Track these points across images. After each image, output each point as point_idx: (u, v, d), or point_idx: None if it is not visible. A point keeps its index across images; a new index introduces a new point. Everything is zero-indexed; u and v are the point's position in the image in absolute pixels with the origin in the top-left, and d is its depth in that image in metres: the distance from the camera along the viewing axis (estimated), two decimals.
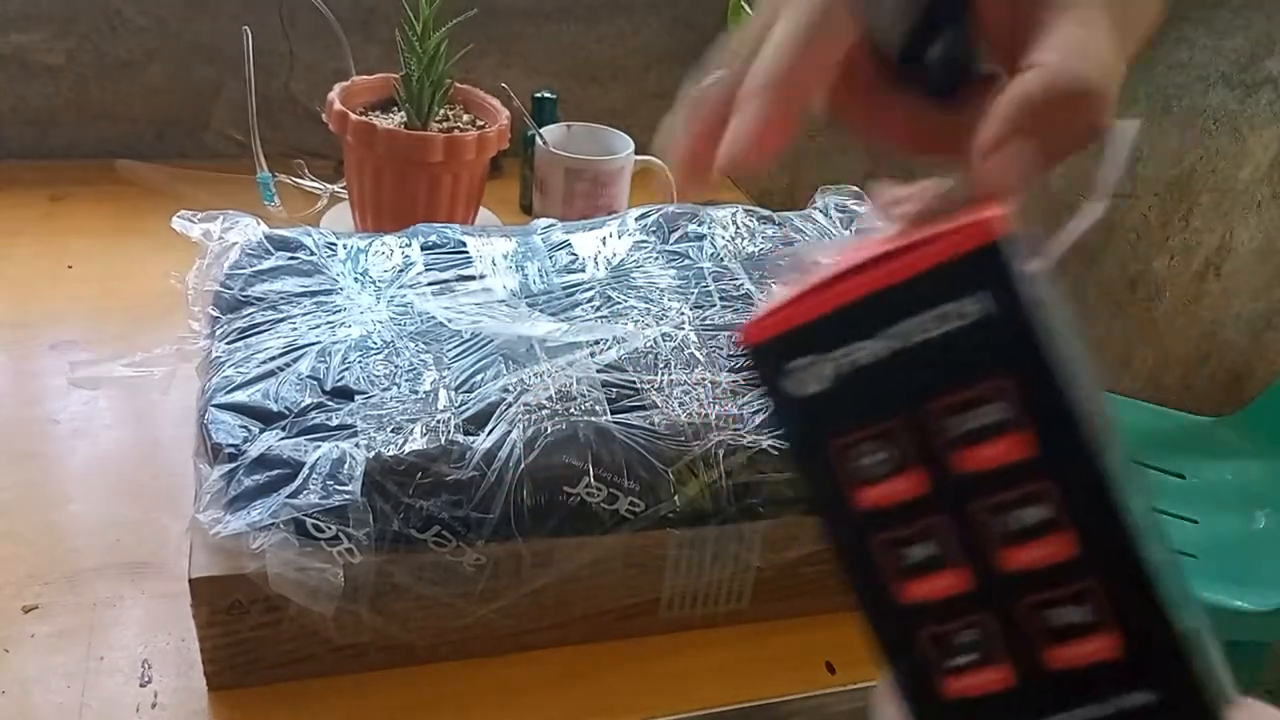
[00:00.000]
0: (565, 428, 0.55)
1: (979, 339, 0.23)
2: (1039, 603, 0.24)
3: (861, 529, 0.25)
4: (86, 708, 0.53)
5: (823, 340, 0.24)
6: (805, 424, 0.25)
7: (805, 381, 0.24)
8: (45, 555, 0.61)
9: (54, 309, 0.84)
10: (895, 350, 0.23)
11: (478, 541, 0.52)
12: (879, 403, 0.24)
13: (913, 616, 0.25)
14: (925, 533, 0.25)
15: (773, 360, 0.25)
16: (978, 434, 0.23)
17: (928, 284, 0.23)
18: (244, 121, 0.98)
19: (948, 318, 0.23)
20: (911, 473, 0.24)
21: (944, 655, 0.25)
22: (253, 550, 0.49)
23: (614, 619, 0.60)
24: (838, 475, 0.25)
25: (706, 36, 1.24)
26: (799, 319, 0.24)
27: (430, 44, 0.86)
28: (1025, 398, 0.23)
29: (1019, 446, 0.23)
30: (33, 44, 1.04)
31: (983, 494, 0.24)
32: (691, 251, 0.73)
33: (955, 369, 0.23)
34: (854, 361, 0.24)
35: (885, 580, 0.25)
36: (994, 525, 0.24)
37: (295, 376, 0.57)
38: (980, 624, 0.25)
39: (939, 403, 0.24)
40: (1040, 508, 0.23)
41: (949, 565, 0.25)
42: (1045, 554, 0.24)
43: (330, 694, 0.55)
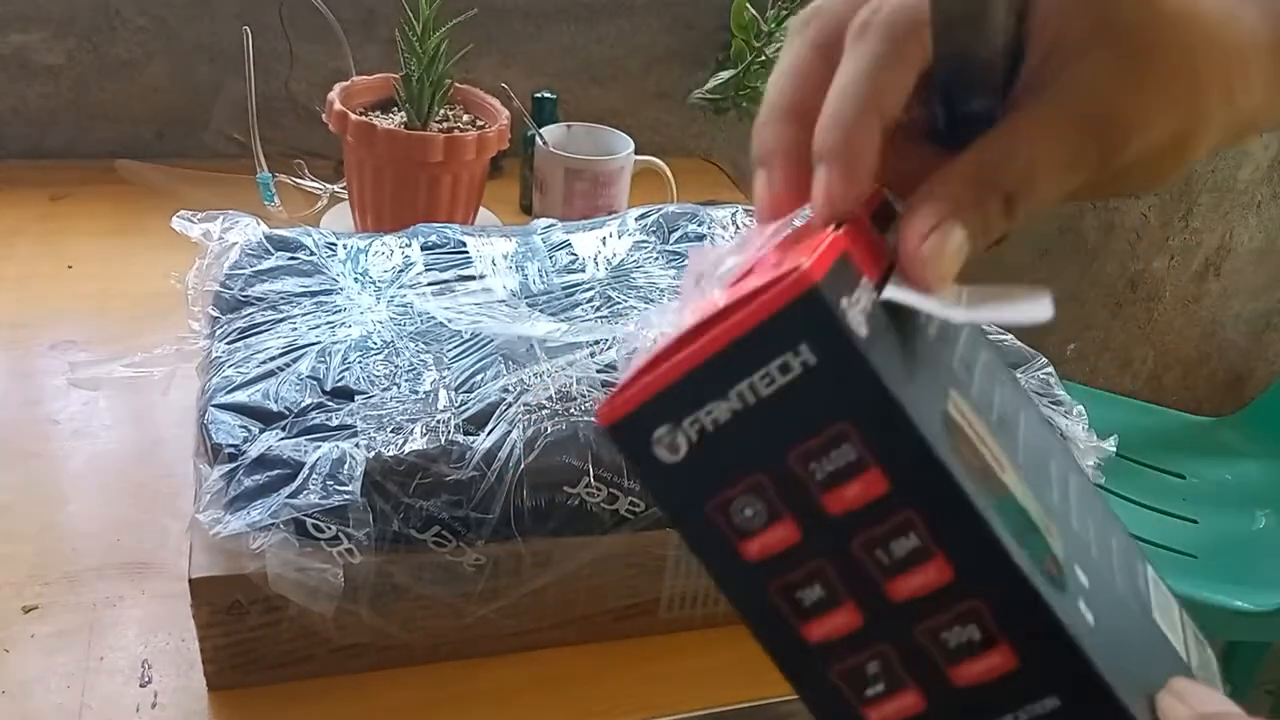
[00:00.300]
0: (565, 428, 0.55)
1: (811, 387, 0.24)
2: (932, 627, 0.25)
3: (756, 579, 0.26)
4: (86, 708, 0.53)
5: (675, 408, 0.25)
6: (677, 490, 0.26)
7: (668, 450, 0.25)
8: (45, 555, 0.61)
9: (54, 309, 0.84)
10: (742, 408, 0.24)
11: (478, 541, 0.52)
12: (740, 459, 0.25)
13: (821, 655, 0.26)
14: (811, 575, 0.25)
15: (634, 435, 0.25)
16: (834, 477, 0.24)
17: (755, 342, 0.24)
18: (244, 121, 0.98)
19: (779, 371, 0.24)
20: (785, 520, 0.25)
21: (858, 688, 0.26)
22: (253, 550, 0.49)
23: (614, 619, 0.60)
24: (721, 533, 0.26)
25: (706, 36, 1.24)
26: (649, 392, 0.25)
27: (430, 44, 0.86)
28: (864, 437, 0.24)
29: (873, 484, 0.24)
30: (33, 44, 1.04)
31: (855, 532, 0.25)
32: (691, 252, 0.73)
33: (798, 419, 0.24)
34: (708, 424, 0.25)
35: (789, 624, 0.26)
36: (873, 560, 0.25)
37: (295, 376, 0.57)
38: (882, 654, 0.25)
39: (794, 451, 0.24)
40: (909, 538, 0.24)
41: (841, 603, 0.25)
42: (925, 581, 0.25)
43: (330, 694, 0.55)
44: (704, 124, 1.31)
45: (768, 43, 1.12)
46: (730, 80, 1.15)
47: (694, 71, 1.22)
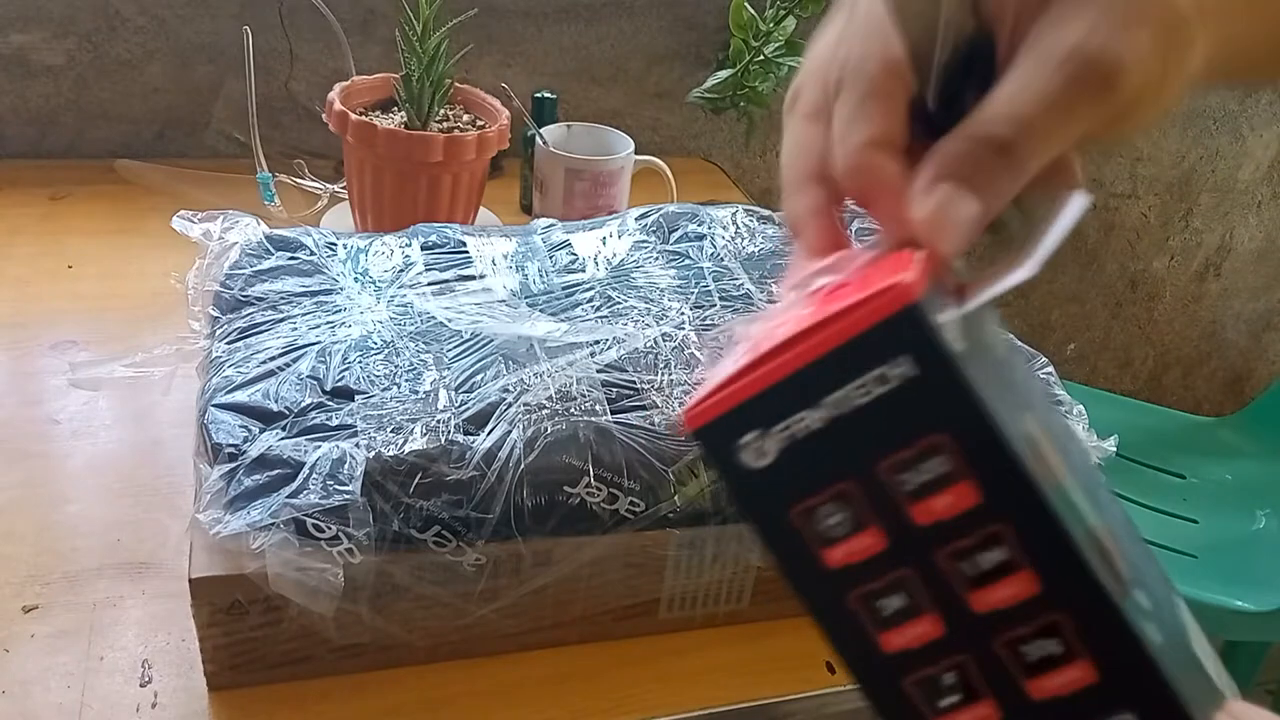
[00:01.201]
0: (565, 428, 0.55)
1: (907, 400, 0.24)
2: (1013, 639, 0.25)
3: (835, 588, 0.26)
4: (86, 708, 0.53)
5: (764, 416, 0.25)
6: (762, 496, 0.26)
7: (755, 456, 0.26)
8: (45, 555, 0.61)
9: (54, 309, 0.84)
10: (834, 418, 0.25)
11: (478, 541, 0.52)
12: (828, 468, 0.25)
13: (896, 665, 0.26)
14: (894, 585, 0.26)
15: (720, 441, 0.26)
16: (925, 488, 0.25)
17: (851, 354, 0.24)
18: (244, 121, 0.98)
19: (876, 383, 0.24)
20: (870, 530, 0.25)
21: (931, 699, 0.26)
22: (253, 550, 0.49)
23: (614, 619, 0.60)
24: (803, 539, 0.26)
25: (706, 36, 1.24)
26: (737, 399, 0.25)
27: (430, 44, 0.86)
28: (960, 450, 0.24)
29: (965, 496, 0.24)
30: (33, 44, 1.04)
31: (942, 543, 0.25)
32: (691, 251, 0.73)
33: (892, 430, 0.24)
34: (798, 432, 0.25)
35: (865, 634, 0.26)
36: (958, 571, 0.25)
37: (295, 376, 0.57)
38: (960, 666, 0.26)
39: (884, 462, 0.25)
40: (997, 550, 0.25)
41: (922, 613, 0.26)
42: (1010, 594, 0.25)
43: (330, 694, 0.55)
44: (704, 124, 1.31)
45: (766, 42, 1.12)
46: (728, 80, 1.15)
47: (694, 71, 1.22)
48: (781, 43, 1.13)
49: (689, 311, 0.66)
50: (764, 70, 1.14)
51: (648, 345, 0.61)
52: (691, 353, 0.62)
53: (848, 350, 0.24)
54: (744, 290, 0.69)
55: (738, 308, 0.67)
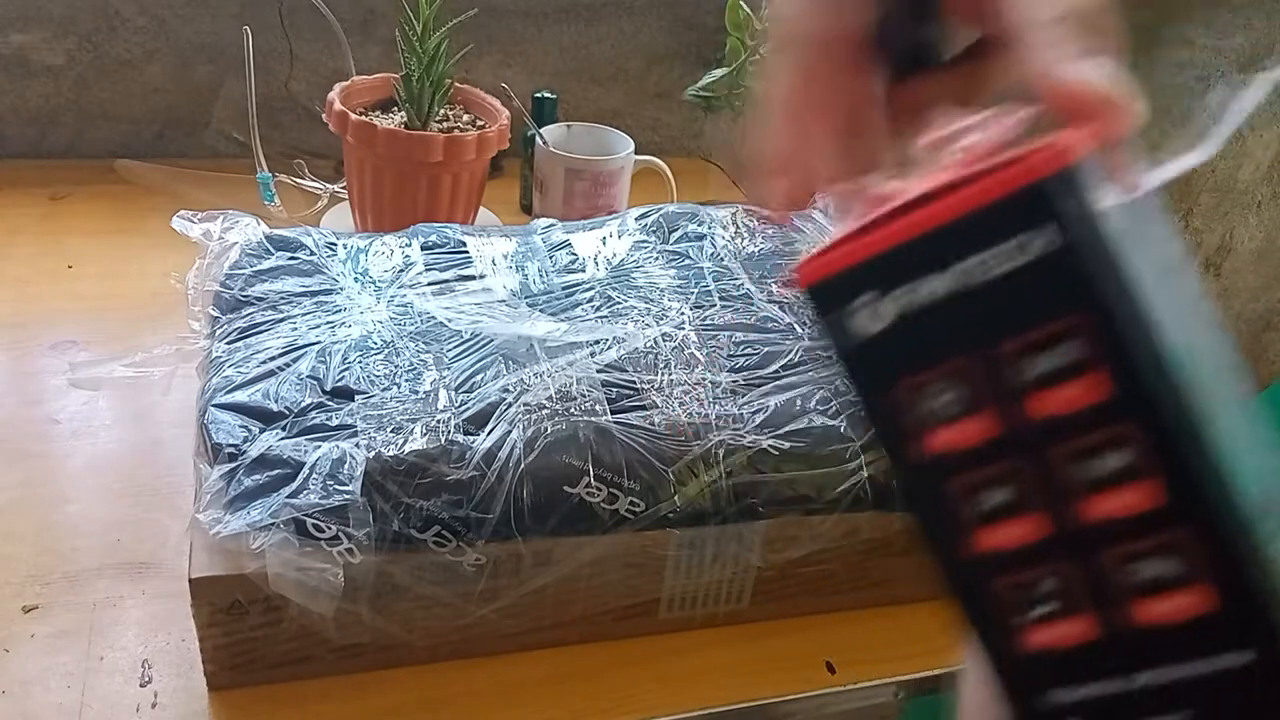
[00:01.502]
0: (565, 428, 0.55)
1: (1047, 274, 0.22)
2: (1124, 554, 0.23)
3: (933, 473, 0.24)
4: (86, 708, 0.53)
5: (884, 277, 0.23)
6: (870, 365, 0.24)
7: (868, 321, 0.23)
8: (45, 555, 0.61)
9: (54, 309, 0.84)
10: (962, 287, 0.22)
11: (478, 541, 0.52)
12: (947, 342, 0.23)
13: (989, 565, 0.24)
14: (1000, 478, 0.23)
15: (832, 300, 0.24)
16: (1051, 376, 0.22)
17: (990, 217, 0.22)
18: (244, 121, 0.98)
19: (1015, 252, 0.22)
20: (984, 414, 0.23)
21: (1022, 606, 0.24)
22: (253, 550, 0.49)
23: (614, 619, 0.60)
24: (908, 417, 0.24)
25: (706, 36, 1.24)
26: (858, 256, 0.23)
27: (430, 44, 0.87)
28: (1098, 336, 0.22)
29: (1095, 388, 0.22)
30: (33, 44, 1.04)
31: (1060, 437, 0.22)
32: (691, 251, 0.73)
33: (1024, 307, 0.22)
34: (919, 299, 0.23)
35: (958, 527, 0.24)
36: (1074, 471, 0.23)
37: (295, 376, 0.57)
38: (1060, 573, 0.23)
39: (1009, 343, 0.22)
40: (1122, 453, 0.22)
41: (1026, 512, 0.23)
42: (1130, 502, 0.22)
43: (330, 694, 0.55)
44: (704, 124, 1.31)
45: (762, 41, 1.12)
46: (724, 78, 1.15)
47: (694, 71, 1.22)
48: None
49: (689, 311, 0.66)
50: (761, 69, 1.14)
51: (648, 345, 0.61)
52: (691, 353, 0.62)
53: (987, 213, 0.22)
54: (744, 290, 0.69)
55: (738, 308, 0.67)
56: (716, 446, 0.56)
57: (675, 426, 0.57)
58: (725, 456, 0.56)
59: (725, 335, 0.64)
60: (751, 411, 0.59)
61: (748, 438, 0.57)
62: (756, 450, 0.57)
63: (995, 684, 0.25)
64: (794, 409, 0.59)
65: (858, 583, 0.63)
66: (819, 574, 0.62)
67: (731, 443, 0.57)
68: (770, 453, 0.57)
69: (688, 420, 0.57)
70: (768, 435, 0.57)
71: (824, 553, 0.60)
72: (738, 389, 0.60)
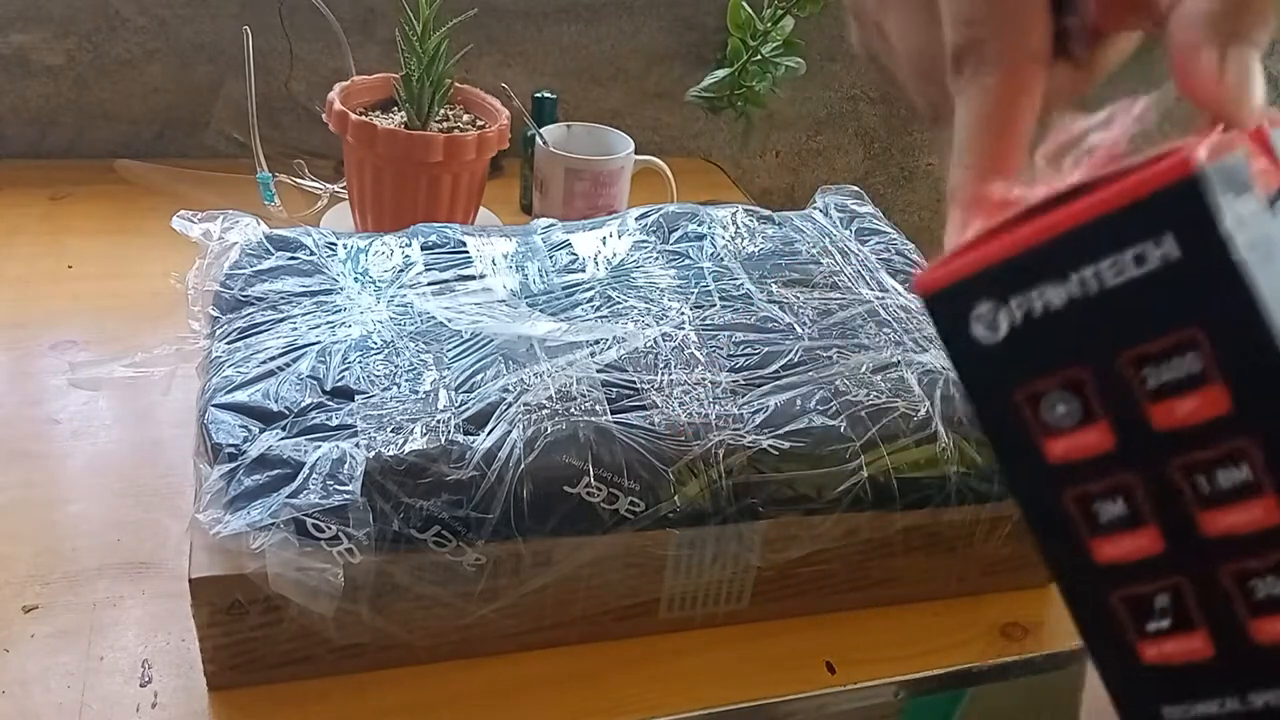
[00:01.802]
0: (565, 428, 0.55)
1: (1164, 287, 0.21)
2: (1242, 571, 0.22)
3: (1052, 481, 0.24)
4: (86, 708, 0.53)
5: (1005, 285, 0.23)
6: (987, 373, 0.24)
7: (986, 330, 0.23)
8: (45, 555, 0.61)
9: (54, 309, 0.84)
10: (1081, 296, 0.22)
11: (478, 541, 0.52)
12: (1064, 351, 0.23)
13: (1106, 576, 0.24)
14: (1117, 490, 0.23)
15: (953, 308, 0.24)
16: (1169, 388, 0.22)
17: (1108, 227, 0.22)
18: (244, 121, 0.98)
19: (1133, 263, 0.21)
20: (1099, 426, 0.23)
21: (1138, 620, 0.24)
22: (253, 550, 0.49)
23: (614, 619, 0.60)
24: (1026, 426, 0.24)
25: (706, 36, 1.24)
26: (976, 265, 0.23)
27: (430, 44, 0.87)
28: (1217, 349, 0.21)
29: (1213, 402, 0.22)
30: (33, 44, 1.04)
31: (1179, 451, 0.22)
32: (691, 251, 0.73)
33: (1143, 317, 0.22)
34: (1038, 308, 0.23)
35: (1077, 537, 0.24)
36: (1191, 485, 0.22)
37: (295, 376, 0.57)
38: (1176, 589, 0.23)
39: (1127, 353, 0.22)
40: (1241, 469, 0.22)
41: (1142, 525, 0.23)
42: (1248, 519, 0.22)
43: (330, 694, 0.55)
44: (704, 124, 1.31)
45: (764, 42, 1.12)
46: (726, 79, 1.15)
47: (694, 71, 1.22)
48: (779, 42, 1.13)
49: (689, 311, 0.66)
50: (761, 70, 1.14)
51: (648, 345, 0.61)
52: (691, 353, 0.62)
53: (1105, 222, 0.21)
54: (744, 290, 0.69)
55: (738, 308, 0.67)
56: (716, 446, 0.56)
57: (675, 426, 0.57)
58: (725, 456, 0.56)
59: (725, 335, 0.64)
60: (751, 411, 0.59)
61: (748, 438, 0.57)
62: (756, 450, 0.57)
63: (1110, 694, 0.25)
64: (794, 409, 0.59)
65: (858, 583, 0.63)
66: (819, 574, 0.62)
67: (731, 443, 0.57)
68: (770, 453, 0.57)
69: (688, 420, 0.57)
70: (768, 435, 0.57)
71: (824, 553, 0.60)
72: (738, 389, 0.60)
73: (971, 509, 0.61)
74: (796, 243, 0.76)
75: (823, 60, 1.32)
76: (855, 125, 1.41)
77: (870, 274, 0.74)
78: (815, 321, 0.67)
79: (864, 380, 0.62)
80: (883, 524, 0.60)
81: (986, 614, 0.65)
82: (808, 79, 1.21)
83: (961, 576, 0.65)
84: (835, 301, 0.69)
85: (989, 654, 0.63)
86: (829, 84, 1.35)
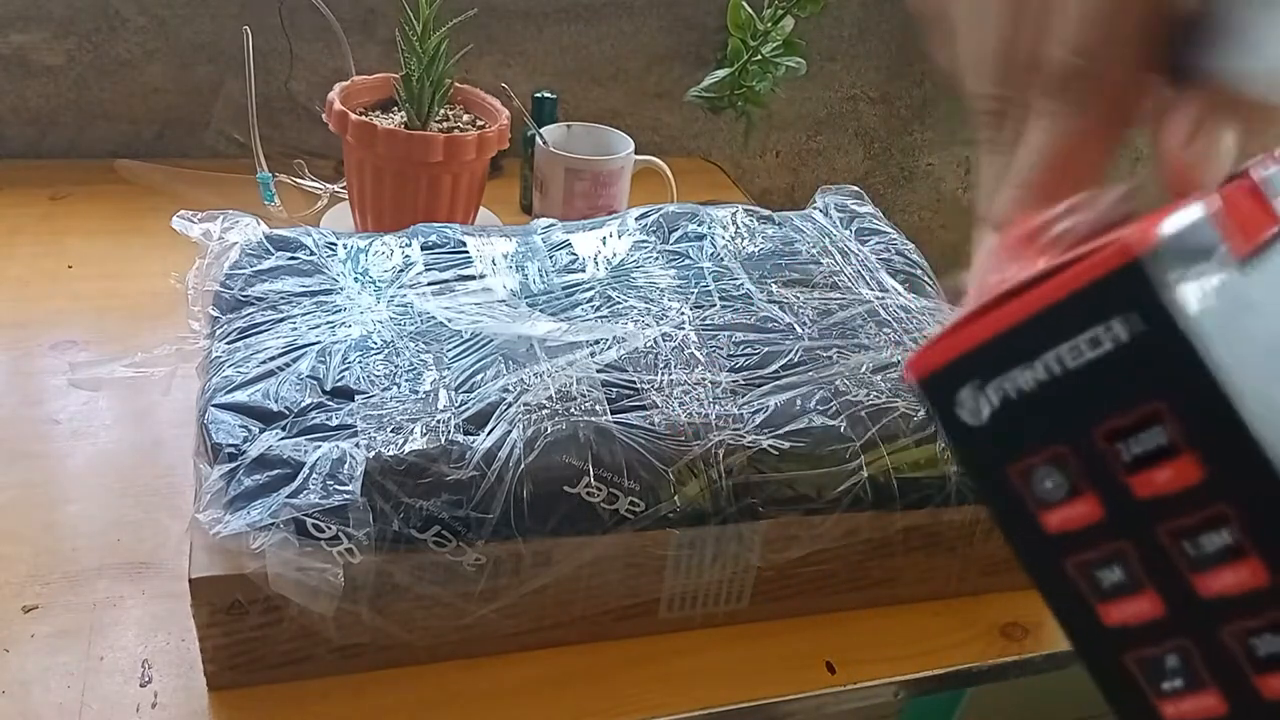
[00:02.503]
0: (565, 428, 0.55)
1: (1131, 362, 0.22)
2: (1241, 630, 0.23)
3: (1053, 552, 0.25)
4: (86, 708, 0.53)
5: (984, 368, 0.24)
6: (979, 453, 0.25)
7: (972, 411, 0.24)
8: (45, 555, 0.61)
9: (54, 309, 0.84)
10: (1049, 378, 0.23)
11: (478, 541, 0.52)
12: (1043, 429, 0.24)
13: (1117, 640, 0.25)
14: (1113, 557, 0.24)
15: (940, 391, 0.25)
16: (1144, 459, 0.23)
17: (1066, 311, 0.22)
18: (244, 121, 0.98)
19: (1098, 341, 0.22)
20: (1087, 497, 0.24)
21: (1154, 680, 0.24)
22: (253, 550, 0.49)
23: (614, 619, 0.60)
24: (1022, 500, 0.25)
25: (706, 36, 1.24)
26: (959, 349, 0.24)
27: (430, 44, 0.87)
28: (1181, 421, 0.22)
29: (1186, 472, 0.22)
30: (33, 44, 1.04)
31: (1164, 518, 0.23)
32: (691, 251, 0.73)
33: (1108, 395, 0.23)
34: (1013, 391, 0.24)
35: (1085, 603, 0.25)
36: (1180, 550, 0.23)
37: (295, 376, 0.57)
38: (1183, 650, 0.24)
39: (1099, 429, 0.23)
40: (1222, 533, 0.22)
41: (1142, 590, 0.24)
42: (1236, 581, 0.23)
43: (330, 694, 0.55)
44: (704, 124, 1.31)
45: (764, 42, 1.12)
46: (726, 79, 1.15)
47: (694, 71, 1.22)
48: (779, 42, 1.13)
49: (689, 311, 0.66)
50: (762, 70, 1.14)
51: (648, 345, 0.62)
52: (691, 353, 0.62)
53: (1060, 308, 0.22)
54: (744, 290, 0.69)
55: (738, 308, 0.67)
56: (716, 446, 0.56)
57: (675, 426, 0.57)
58: (725, 456, 0.56)
59: (725, 335, 0.64)
60: (751, 411, 0.59)
61: (748, 438, 0.57)
62: (756, 450, 0.57)
63: None
64: (794, 409, 0.59)
65: (858, 583, 0.63)
66: (819, 574, 0.62)
67: (731, 443, 0.57)
68: (770, 453, 0.57)
69: (688, 420, 0.57)
70: (768, 435, 0.57)
71: (824, 553, 0.60)
72: (738, 389, 0.60)
73: (971, 509, 0.61)
74: (796, 243, 0.76)
75: (823, 60, 1.32)
76: (855, 125, 1.41)
77: (870, 274, 0.74)
78: (815, 321, 0.67)
79: (864, 380, 0.62)
80: (883, 524, 0.60)
81: (986, 614, 0.66)
82: (808, 79, 1.21)
83: (961, 576, 0.65)
84: (835, 301, 0.69)
85: (989, 654, 0.63)
86: (829, 84, 1.35)
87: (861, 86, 1.37)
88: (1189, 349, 0.21)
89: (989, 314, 0.24)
